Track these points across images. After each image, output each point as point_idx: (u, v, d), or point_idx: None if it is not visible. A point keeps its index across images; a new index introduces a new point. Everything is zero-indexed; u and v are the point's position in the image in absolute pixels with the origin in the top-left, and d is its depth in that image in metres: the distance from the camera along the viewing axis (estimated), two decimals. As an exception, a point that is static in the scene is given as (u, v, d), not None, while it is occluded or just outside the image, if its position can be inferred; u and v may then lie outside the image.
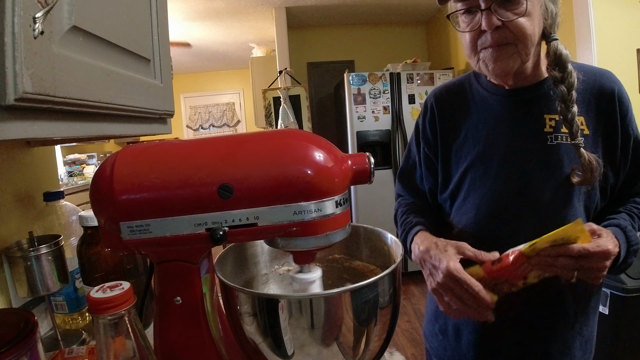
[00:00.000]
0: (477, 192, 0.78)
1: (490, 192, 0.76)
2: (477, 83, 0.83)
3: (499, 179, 0.76)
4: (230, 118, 6.48)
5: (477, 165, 0.78)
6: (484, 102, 0.81)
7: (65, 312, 0.86)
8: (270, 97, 3.27)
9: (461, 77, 0.88)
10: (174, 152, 0.49)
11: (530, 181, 0.74)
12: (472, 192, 0.79)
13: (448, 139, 0.83)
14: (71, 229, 0.91)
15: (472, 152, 0.79)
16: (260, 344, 0.49)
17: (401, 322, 2.57)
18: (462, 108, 0.83)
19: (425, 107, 0.89)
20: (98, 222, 0.49)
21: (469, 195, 0.79)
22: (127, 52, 0.62)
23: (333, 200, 0.46)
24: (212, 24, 3.75)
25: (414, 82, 3.08)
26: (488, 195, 0.76)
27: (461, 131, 0.82)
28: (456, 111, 0.83)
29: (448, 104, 0.85)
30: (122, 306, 0.39)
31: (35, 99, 0.38)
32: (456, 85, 0.87)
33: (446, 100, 0.86)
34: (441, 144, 0.84)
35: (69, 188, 3.54)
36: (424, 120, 0.88)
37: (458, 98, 0.84)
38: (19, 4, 0.35)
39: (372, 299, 0.48)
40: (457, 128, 0.82)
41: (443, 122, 0.84)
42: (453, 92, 0.86)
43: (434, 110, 0.86)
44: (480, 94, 0.82)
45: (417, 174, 0.91)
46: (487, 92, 0.81)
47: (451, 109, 0.84)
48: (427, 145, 0.87)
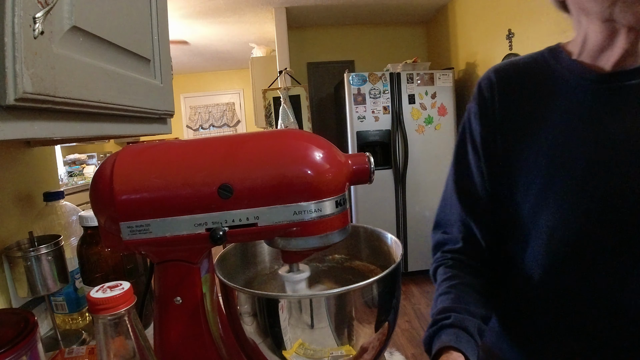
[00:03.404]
0: (548, 213, 0.58)
1: (568, 214, 0.56)
2: (556, 63, 0.62)
3: (582, 195, 0.56)
4: (230, 118, 6.48)
5: (551, 175, 0.58)
6: (565, 89, 0.60)
7: (65, 312, 0.86)
8: (270, 97, 3.27)
9: (534, 55, 0.65)
10: (174, 152, 0.49)
11: (626, 200, 0.54)
12: (541, 213, 0.59)
13: (511, 130, 0.63)
14: (71, 229, 0.91)
15: (545, 156, 0.59)
16: (260, 344, 0.49)
17: (401, 322, 2.57)
18: (533, 94, 0.62)
19: (479, 90, 0.66)
20: (98, 222, 0.49)
21: (538, 215, 0.59)
22: (127, 52, 0.62)
23: (333, 200, 0.46)
24: (212, 23, 3.75)
25: (414, 82, 3.08)
26: (565, 218, 0.57)
27: (530, 122, 0.61)
28: (525, 97, 0.62)
29: (515, 86, 0.63)
30: (122, 306, 0.39)
31: (36, 99, 0.38)
32: (527, 63, 0.65)
33: (513, 81, 0.64)
34: (501, 138, 0.63)
35: (69, 188, 3.54)
36: (478, 107, 0.66)
37: (529, 80, 0.63)
38: (19, 4, 0.35)
39: (372, 299, 0.48)
40: (525, 117, 0.62)
41: (505, 110, 0.63)
42: (522, 72, 0.64)
43: (494, 94, 0.64)
44: (561, 78, 0.61)
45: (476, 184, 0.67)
46: (572, 75, 0.59)
47: (518, 94, 0.63)
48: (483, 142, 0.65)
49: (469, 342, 0.54)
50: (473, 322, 0.57)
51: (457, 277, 0.64)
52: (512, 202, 0.63)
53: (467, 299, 0.60)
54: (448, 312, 0.58)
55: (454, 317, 0.57)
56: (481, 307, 0.61)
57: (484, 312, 0.60)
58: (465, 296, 0.61)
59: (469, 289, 0.62)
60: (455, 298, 0.60)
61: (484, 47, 3.06)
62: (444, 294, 0.62)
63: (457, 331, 0.55)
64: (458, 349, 0.52)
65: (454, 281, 0.63)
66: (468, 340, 0.54)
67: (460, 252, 0.67)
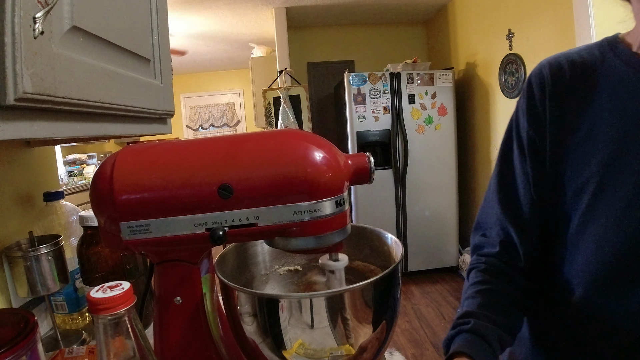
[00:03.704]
0: (599, 225, 0.53)
1: (622, 226, 0.51)
2: (613, 55, 0.56)
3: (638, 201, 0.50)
4: (230, 118, 6.48)
5: (605, 183, 0.53)
6: (623, 84, 0.54)
7: (65, 312, 0.86)
8: (270, 97, 3.27)
9: (590, 46, 0.60)
10: (174, 152, 0.49)
11: None
12: (592, 219, 0.54)
13: (561, 131, 0.57)
14: (71, 229, 0.91)
15: (599, 155, 0.54)
16: (260, 344, 0.49)
17: (401, 322, 2.57)
18: (588, 88, 0.57)
19: (529, 84, 0.61)
20: (98, 222, 0.49)
21: (587, 224, 0.54)
22: (127, 52, 0.62)
23: (333, 200, 0.46)
24: (212, 23, 3.75)
25: (414, 82, 3.08)
26: (618, 231, 0.51)
27: (583, 122, 0.56)
28: (579, 92, 0.57)
29: (568, 80, 0.58)
30: (122, 306, 0.39)
31: (36, 99, 0.38)
32: (582, 55, 0.59)
33: (566, 77, 0.58)
34: (550, 139, 0.58)
35: (69, 188, 3.54)
36: (527, 104, 0.61)
37: (583, 73, 0.57)
38: (19, 4, 0.35)
39: (372, 299, 0.48)
40: (578, 117, 0.56)
41: (556, 109, 0.58)
42: (577, 65, 0.58)
43: (544, 90, 0.59)
44: (618, 72, 0.55)
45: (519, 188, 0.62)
46: (632, 68, 0.54)
47: (572, 88, 0.58)
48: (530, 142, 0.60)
49: (484, 350, 0.52)
50: (493, 330, 0.54)
51: (487, 282, 0.61)
52: (559, 210, 0.58)
53: (494, 306, 0.58)
54: (469, 317, 0.56)
55: (473, 322, 0.54)
56: (508, 316, 0.58)
57: (510, 321, 0.57)
58: (491, 303, 0.58)
59: (498, 296, 0.59)
60: (481, 304, 0.58)
61: (484, 47, 3.06)
62: (470, 298, 0.60)
63: (474, 338, 0.53)
64: (470, 356, 0.50)
65: (482, 286, 0.60)
66: (484, 349, 0.52)
67: (496, 257, 0.63)
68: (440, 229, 3.22)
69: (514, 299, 0.60)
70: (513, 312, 0.59)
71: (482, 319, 0.55)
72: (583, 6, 2.04)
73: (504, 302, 0.59)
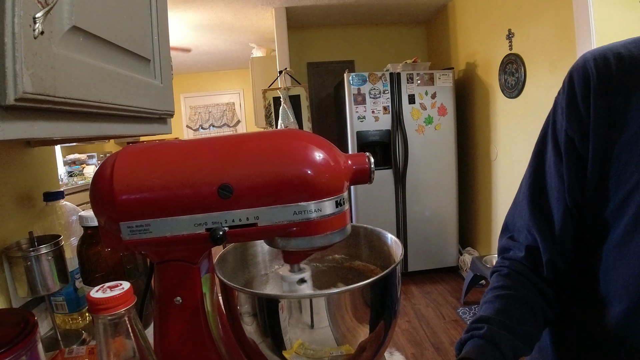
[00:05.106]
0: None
1: None
2: None
3: None
4: (230, 118, 6.48)
5: None
6: None
7: (65, 312, 0.86)
8: (270, 97, 3.27)
9: (637, 39, 0.54)
10: (174, 152, 0.49)
11: None
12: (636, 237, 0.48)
13: (607, 131, 0.52)
14: (71, 229, 0.91)
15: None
16: (260, 344, 0.49)
17: (401, 322, 2.57)
18: (637, 85, 0.51)
19: (571, 80, 0.55)
20: (98, 222, 0.49)
21: (634, 234, 0.49)
22: (127, 52, 0.62)
23: (333, 200, 0.46)
24: (212, 23, 3.75)
25: (414, 82, 3.08)
26: None
27: (632, 122, 0.50)
28: (627, 88, 0.51)
29: (615, 75, 0.52)
30: (122, 306, 0.39)
31: (35, 99, 0.38)
32: (629, 49, 0.53)
33: (614, 68, 0.52)
34: (593, 139, 0.53)
35: (69, 188, 3.54)
36: (567, 101, 0.55)
37: (631, 69, 0.52)
38: (19, 4, 0.35)
39: (372, 299, 0.48)
40: (626, 116, 0.51)
41: (601, 108, 0.52)
42: (625, 59, 0.52)
43: (588, 87, 0.53)
44: None
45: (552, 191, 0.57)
46: None
47: (619, 84, 0.52)
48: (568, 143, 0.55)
49: (494, 357, 0.50)
50: (507, 338, 0.51)
51: (508, 287, 0.58)
52: (599, 218, 0.53)
53: (512, 313, 0.54)
54: (483, 322, 0.53)
55: (487, 328, 0.52)
56: (526, 324, 0.54)
57: (528, 329, 0.54)
58: (510, 310, 0.55)
59: (518, 302, 0.56)
60: (498, 310, 0.55)
61: (484, 47, 3.06)
62: (488, 302, 0.57)
63: (486, 344, 0.51)
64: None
65: (502, 291, 0.57)
66: (494, 356, 0.50)
67: (521, 262, 0.60)
68: (440, 229, 3.22)
69: (535, 308, 0.56)
70: (532, 320, 0.55)
71: (497, 326, 0.52)
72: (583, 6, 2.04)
73: (524, 309, 0.55)
